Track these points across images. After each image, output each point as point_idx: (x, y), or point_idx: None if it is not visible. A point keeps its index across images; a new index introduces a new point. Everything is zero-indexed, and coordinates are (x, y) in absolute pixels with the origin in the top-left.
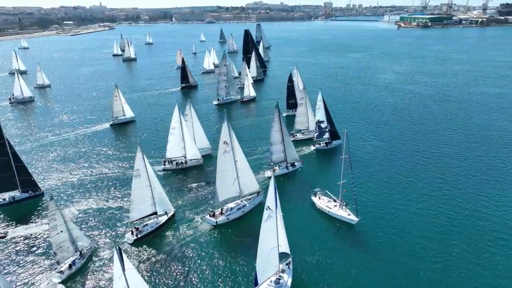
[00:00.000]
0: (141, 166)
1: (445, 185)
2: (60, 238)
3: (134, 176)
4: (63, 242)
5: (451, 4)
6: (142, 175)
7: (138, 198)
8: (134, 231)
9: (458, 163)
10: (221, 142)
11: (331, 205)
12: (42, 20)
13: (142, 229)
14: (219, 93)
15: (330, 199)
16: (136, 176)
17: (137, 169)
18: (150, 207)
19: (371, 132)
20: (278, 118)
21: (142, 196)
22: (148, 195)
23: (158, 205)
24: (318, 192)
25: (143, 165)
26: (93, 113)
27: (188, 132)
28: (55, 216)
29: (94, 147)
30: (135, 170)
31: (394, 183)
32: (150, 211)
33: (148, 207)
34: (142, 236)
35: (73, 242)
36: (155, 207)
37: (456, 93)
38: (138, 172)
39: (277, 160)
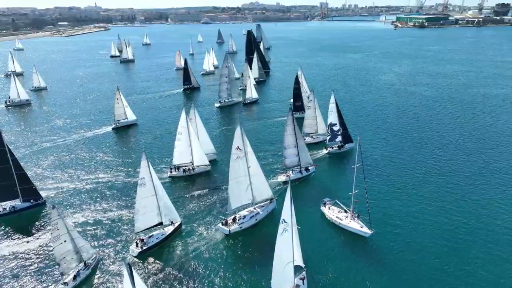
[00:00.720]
0: (146, 175)
1: (461, 194)
2: (63, 248)
3: (139, 185)
4: (67, 252)
5: (446, 4)
6: (147, 184)
7: (143, 208)
8: (139, 242)
9: (473, 169)
10: (233, 148)
11: (341, 216)
12: (36, 21)
13: (148, 241)
14: (220, 95)
15: (340, 209)
16: (141, 185)
17: (142, 178)
18: (156, 217)
19: (381, 137)
20: (291, 121)
21: (147, 206)
22: (153, 205)
23: (164, 215)
24: (328, 202)
25: (148, 174)
26: (93, 116)
27: (196, 137)
28: (58, 225)
29: (96, 152)
30: (140, 179)
31: (408, 193)
32: (156, 221)
33: (154, 217)
34: (148, 248)
35: (77, 252)
36: (161, 217)
37: (459, 95)
38: (143, 180)
39: (291, 165)
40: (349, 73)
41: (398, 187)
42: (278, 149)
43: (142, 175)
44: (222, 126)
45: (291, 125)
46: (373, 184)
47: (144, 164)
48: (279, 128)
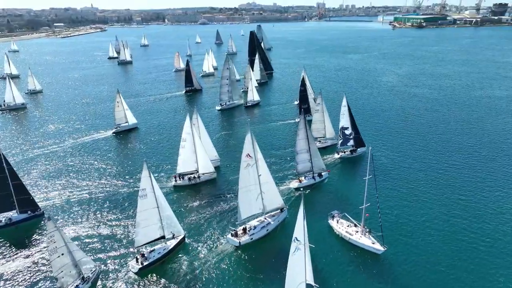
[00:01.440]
0: (148, 185)
1: (479, 207)
2: (61, 261)
3: (139, 197)
4: (65, 266)
5: (444, 4)
6: (149, 195)
7: (144, 220)
8: (139, 258)
9: (488, 177)
10: (243, 155)
11: (351, 230)
12: (31, 22)
13: (149, 256)
14: (221, 97)
15: (350, 223)
16: (142, 197)
17: (143, 189)
18: (158, 231)
19: (390, 143)
20: (304, 125)
21: (149, 219)
22: (155, 217)
23: (167, 228)
24: (336, 215)
25: (150, 184)
26: (92, 120)
27: (200, 144)
28: (54, 237)
29: (96, 159)
30: (141, 190)
31: (423, 206)
32: (158, 235)
33: (155, 230)
34: (149, 264)
35: (76, 266)
36: (163, 231)
37: (463, 97)
38: (144, 192)
39: (303, 170)
40: (349, 74)
41: (412, 199)
42: (285, 154)
43: (143, 186)
44: (224, 130)
45: (303, 129)
46: (385, 197)
47: (145, 174)
48: (284, 131)
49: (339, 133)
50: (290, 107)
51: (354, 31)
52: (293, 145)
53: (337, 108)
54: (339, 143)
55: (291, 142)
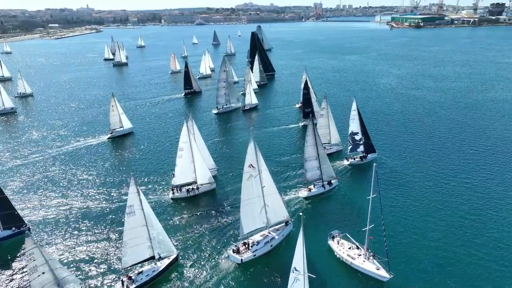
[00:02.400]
0: (136, 202)
1: (502, 229)
2: (42, 280)
3: (127, 214)
4: (47, 285)
5: (441, 4)
6: (137, 213)
7: (132, 240)
8: (126, 281)
9: (500, 190)
10: (246, 166)
11: (353, 254)
12: (26, 23)
13: (136, 278)
14: (218, 101)
15: (352, 245)
16: (130, 214)
17: (130, 206)
18: (147, 251)
19: (394, 152)
20: (312, 131)
21: (137, 238)
22: (144, 236)
23: (157, 248)
24: (337, 235)
25: (138, 201)
26: (86, 125)
27: (199, 153)
28: (34, 255)
29: (88, 167)
30: (128, 207)
31: (435, 228)
32: (147, 255)
33: (144, 250)
34: None
35: (59, 285)
36: (152, 250)
37: (466, 100)
38: (131, 209)
39: (312, 178)
40: (348, 76)
41: (422, 219)
42: (290, 161)
43: (130, 202)
44: (220, 136)
45: (312, 135)
46: (392, 217)
47: (133, 190)
48: (287, 136)
49: (348, 138)
50: (291, 111)
51: (352, 31)
52: (298, 151)
53: (340, 112)
54: (348, 149)
55: (296, 148)
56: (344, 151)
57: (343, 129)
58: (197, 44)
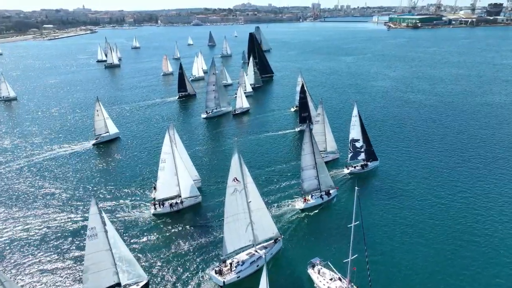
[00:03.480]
0: (98, 224)
1: (492, 252)
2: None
3: (88, 237)
4: None
5: (439, 4)
6: (100, 236)
7: (94, 265)
8: None
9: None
10: (229, 179)
11: (335, 286)
12: (20, 24)
13: None
14: (207, 104)
15: (334, 274)
16: (91, 237)
17: (92, 228)
18: (112, 277)
19: (396, 159)
20: (309, 139)
21: (100, 263)
22: (108, 261)
23: (123, 274)
24: (318, 263)
25: (100, 223)
26: (71, 131)
27: (182, 164)
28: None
29: (62, 178)
30: (89, 229)
31: (428, 258)
32: (112, 281)
33: (109, 276)
34: None
35: None
36: (118, 277)
37: (462, 103)
38: (93, 231)
39: (310, 188)
40: (343, 78)
41: (415, 246)
42: (285, 169)
43: (92, 225)
44: (207, 143)
45: (309, 142)
46: (378, 245)
47: (94, 211)
48: (282, 143)
49: (348, 145)
50: (286, 115)
51: (349, 32)
52: (294, 158)
53: (337, 117)
54: (348, 157)
55: (291, 155)
56: (344, 159)
57: (341, 135)
58: (193, 45)
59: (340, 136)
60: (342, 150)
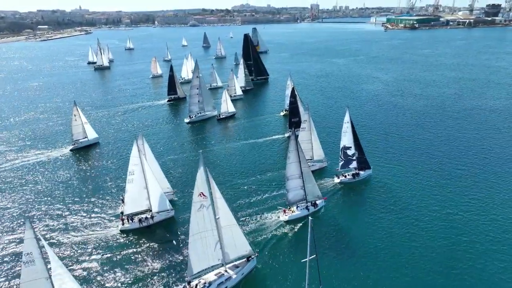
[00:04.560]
0: (35, 249)
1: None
2: None
3: (24, 263)
4: None
5: (437, 5)
6: (37, 262)
7: None
8: None
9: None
10: (195, 194)
11: None
12: (14, 25)
13: None
14: (191, 109)
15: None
16: (28, 263)
17: (28, 253)
18: None
19: (390, 167)
20: (295, 147)
21: None
22: None
23: None
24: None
25: (37, 248)
26: (48, 136)
27: (152, 176)
28: None
29: (21, 189)
30: (24, 255)
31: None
32: None
33: None
34: None
35: None
36: None
37: (453, 108)
38: (30, 257)
39: (295, 199)
40: (332, 81)
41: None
42: (271, 178)
43: (27, 250)
44: (186, 151)
45: (295, 150)
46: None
47: (30, 235)
48: (266, 149)
49: (340, 153)
50: (275, 119)
51: (345, 33)
52: (281, 166)
53: (325, 123)
54: (339, 165)
55: (279, 163)
56: (333, 168)
57: (332, 142)
58: (187, 46)
59: (330, 143)
60: (333, 158)
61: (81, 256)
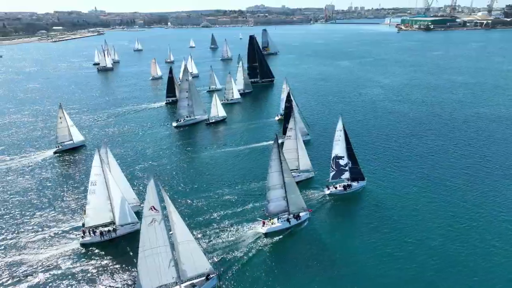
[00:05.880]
0: None
1: None
2: None
3: None
4: None
5: (455, 5)
6: None
7: None
8: None
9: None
10: (145, 208)
11: None
12: (29, 26)
13: None
14: (179, 112)
15: None
16: None
17: None
18: None
19: (385, 179)
20: (277, 155)
21: None
22: None
23: None
24: None
25: None
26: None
27: (116, 186)
28: None
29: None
30: None
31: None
32: None
33: None
34: None
35: None
36: None
37: (452, 116)
38: None
39: (276, 210)
40: (332, 86)
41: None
42: (253, 188)
43: None
44: (166, 156)
45: (277, 159)
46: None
47: None
48: (256, 157)
49: (331, 163)
50: (268, 124)
51: (357, 34)
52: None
53: (318, 131)
54: (330, 176)
55: (265, 172)
56: (324, 178)
57: (323, 151)
58: (195, 47)
59: (321, 152)
60: (325, 167)
61: (34, 272)
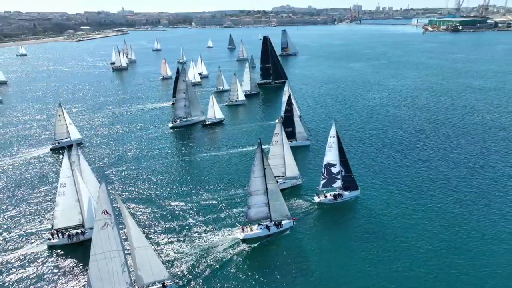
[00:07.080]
0: None
1: None
2: None
3: None
4: None
5: (487, 5)
6: None
7: None
8: None
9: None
10: (98, 212)
11: None
12: (58, 26)
13: None
14: (176, 113)
15: None
16: None
17: None
18: None
19: (380, 190)
20: (260, 160)
21: None
22: None
23: None
24: None
25: None
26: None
27: (86, 188)
28: None
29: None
30: None
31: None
32: None
33: None
34: None
35: None
36: None
37: (458, 124)
38: None
39: (257, 216)
40: (336, 89)
41: None
42: (238, 194)
43: None
44: (153, 158)
45: (260, 164)
46: None
47: None
48: (246, 161)
49: (322, 170)
50: (267, 128)
51: (379, 35)
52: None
53: (313, 136)
54: (320, 184)
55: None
56: (313, 186)
57: (315, 158)
58: (212, 48)
59: (313, 158)
60: (316, 175)
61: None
